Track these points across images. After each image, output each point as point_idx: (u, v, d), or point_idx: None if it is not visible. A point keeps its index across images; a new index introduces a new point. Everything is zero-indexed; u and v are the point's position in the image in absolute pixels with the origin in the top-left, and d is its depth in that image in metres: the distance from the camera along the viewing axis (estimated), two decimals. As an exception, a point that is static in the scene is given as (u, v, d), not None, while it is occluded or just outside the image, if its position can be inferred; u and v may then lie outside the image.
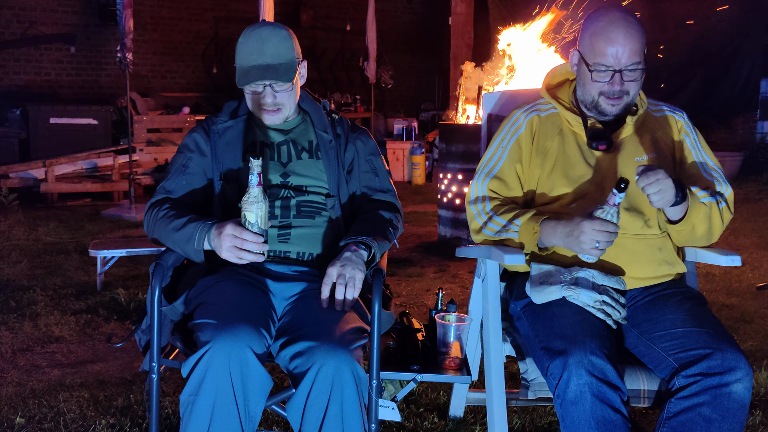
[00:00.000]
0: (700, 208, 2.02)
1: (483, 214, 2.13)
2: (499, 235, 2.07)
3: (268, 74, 2.07)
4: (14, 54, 9.70)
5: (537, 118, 2.17)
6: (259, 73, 2.07)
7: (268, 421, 2.60)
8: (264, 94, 2.11)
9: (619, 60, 1.98)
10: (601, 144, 2.08)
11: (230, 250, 1.89)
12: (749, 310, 4.05)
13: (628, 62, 1.99)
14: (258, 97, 2.12)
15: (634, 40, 1.98)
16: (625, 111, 2.09)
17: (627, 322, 1.99)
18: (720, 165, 2.18)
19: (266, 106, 2.13)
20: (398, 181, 9.39)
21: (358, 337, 1.85)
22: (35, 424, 2.60)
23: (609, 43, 1.98)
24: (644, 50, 2.03)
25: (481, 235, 2.13)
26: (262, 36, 2.09)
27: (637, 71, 2.01)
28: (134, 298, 4.10)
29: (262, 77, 2.07)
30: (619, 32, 1.98)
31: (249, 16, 10.47)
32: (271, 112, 2.14)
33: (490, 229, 2.10)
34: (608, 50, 1.98)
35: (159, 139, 8.91)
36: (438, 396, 2.85)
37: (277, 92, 2.11)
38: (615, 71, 2.00)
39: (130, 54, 6.63)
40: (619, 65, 1.99)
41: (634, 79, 2.02)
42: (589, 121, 2.12)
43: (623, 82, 2.01)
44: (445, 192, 5.72)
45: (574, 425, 1.77)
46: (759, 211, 6.95)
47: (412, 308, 4.06)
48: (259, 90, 2.11)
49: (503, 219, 2.07)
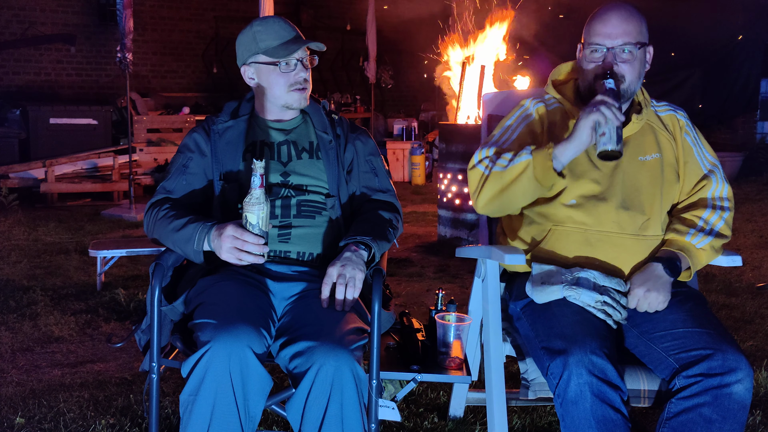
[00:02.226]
0: (702, 255, 2.05)
1: (486, 161, 2.06)
2: (511, 164, 1.99)
3: (306, 42, 2.13)
4: (14, 54, 9.71)
5: (543, 108, 2.18)
6: (299, 42, 2.12)
7: (268, 421, 2.60)
8: (297, 70, 2.14)
9: (610, 38, 2.02)
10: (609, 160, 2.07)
11: (230, 251, 1.89)
12: (749, 310, 4.05)
13: (620, 41, 2.02)
14: (289, 77, 2.14)
15: (627, 22, 2.03)
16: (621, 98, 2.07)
17: (627, 322, 1.99)
18: (718, 161, 2.19)
19: (298, 84, 2.14)
20: (398, 181, 9.39)
21: (358, 337, 1.85)
22: (35, 424, 2.60)
23: (602, 23, 2.04)
24: (641, 38, 2.05)
25: (495, 170, 2.02)
26: (279, 20, 2.16)
27: (630, 53, 2.02)
28: (134, 298, 4.10)
29: (303, 42, 2.13)
30: (613, 14, 2.04)
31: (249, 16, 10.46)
32: (301, 90, 2.16)
33: (499, 165, 2.02)
34: (602, 29, 2.04)
35: (159, 139, 8.91)
36: (438, 396, 2.85)
37: (307, 68, 2.15)
38: (607, 49, 2.03)
39: (130, 54, 6.63)
40: (611, 43, 2.02)
41: (627, 61, 2.03)
42: None
43: (616, 63, 2.02)
44: (445, 192, 5.72)
45: (574, 425, 1.77)
46: (759, 211, 6.95)
47: (412, 308, 4.06)
48: (292, 66, 2.13)
49: (509, 154, 2.02)
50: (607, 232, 2.03)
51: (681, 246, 2.03)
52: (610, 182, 2.06)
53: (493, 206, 2.08)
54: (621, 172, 2.07)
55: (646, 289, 1.96)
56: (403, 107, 12.83)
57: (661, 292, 1.96)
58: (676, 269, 2.00)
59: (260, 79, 2.17)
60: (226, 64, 11.05)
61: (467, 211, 5.52)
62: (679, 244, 2.04)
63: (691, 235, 2.04)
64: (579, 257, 2.04)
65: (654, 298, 1.96)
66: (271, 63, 2.13)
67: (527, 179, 1.97)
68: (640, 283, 1.98)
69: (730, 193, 2.15)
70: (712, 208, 2.10)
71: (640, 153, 2.10)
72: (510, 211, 2.15)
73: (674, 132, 2.17)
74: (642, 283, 1.98)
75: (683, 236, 2.04)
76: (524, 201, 2.05)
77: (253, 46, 2.15)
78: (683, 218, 2.09)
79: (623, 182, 2.06)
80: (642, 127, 2.14)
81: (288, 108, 2.19)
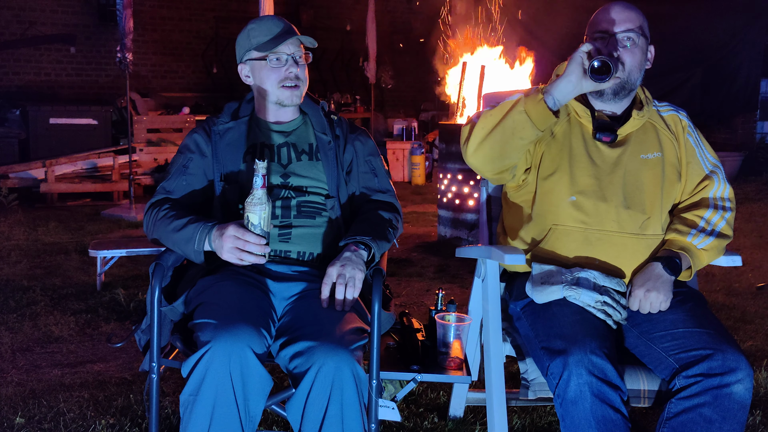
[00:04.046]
0: (703, 255, 2.05)
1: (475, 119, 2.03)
2: (502, 103, 1.97)
3: (297, 35, 2.14)
4: (14, 54, 9.70)
5: None
6: (287, 35, 2.13)
7: (268, 421, 2.60)
8: (288, 65, 2.13)
9: (613, 25, 2.05)
10: (605, 136, 2.08)
11: (232, 251, 1.89)
12: (749, 310, 4.05)
13: (622, 27, 2.04)
14: (280, 72, 2.13)
15: (630, 10, 2.07)
16: (621, 88, 2.07)
17: (627, 322, 1.99)
18: (719, 162, 2.19)
19: (289, 81, 2.13)
20: (398, 181, 9.39)
21: (358, 337, 1.85)
22: (35, 424, 2.60)
23: (605, 14, 2.08)
24: (644, 29, 2.07)
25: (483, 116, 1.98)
26: (274, 18, 2.17)
27: (632, 41, 2.04)
28: (134, 298, 4.10)
29: (294, 34, 2.13)
30: (615, 5, 2.08)
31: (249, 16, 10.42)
32: (292, 88, 2.15)
33: (489, 108, 2.00)
34: (605, 17, 2.07)
35: (159, 140, 8.91)
36: (438, 396, 2.85)
37: (299, 64, 2.15)
38: (609, 35, 2.04)
39: (130, 54, 6.63)
40: (613, 30, 2.04)
41: (629, 48, 2.04)
42: (597, 113, 2.12)
43: (617, 48, 2.03)
44: (445, 192, 5.72)
45: (574, 425, 1.77)
46: (759, 211, 6.95)
47: (412, 308, 4.06)
48: (283, 61, 2.13)
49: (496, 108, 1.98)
50: (608, 231, 2.03)
51: (682, 246, 2.03)
52: (611, 180, 2.06)
53: (484, 151, 1.98)
54: (622, 169, 2.07)
55: (646, 289, 1.96)
56: (403, 107, 12.82)
57: (662, 292, 1.96)
58: (676, 268, 1.99)
59: (254, 77, 2.18)
60: (226, 64, 11.04)
61: (467, 211, 5.52)
62: (680, 244, 2.03)
63: (693, 235, 2.04)
64: (579, 257, 2.04)
65: (654, 297, 1.95)
66: (261, 58, 2.14)
67: (518, 114, 1.91)
68: (640, 284, 1.98)
69: (732, 194, 2.15)
70: (714, 208, 2.10)
71: (642, 151, 2.10)
72: (503, 161, 2.01)
73: (677, 132, 2.17)
74: (642, 284, 1.98)
75: (684, 236, 2.04)
76: (517, 145, 1.95)
77: (246, 43, 2.17)
78: (684, 218, 2.09)
79: (624, 180, 2.06)
80: (644, 125, 2.14)
81: (281, 105, 2.18)
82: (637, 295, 1.97)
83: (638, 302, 1.97)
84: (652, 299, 1.96)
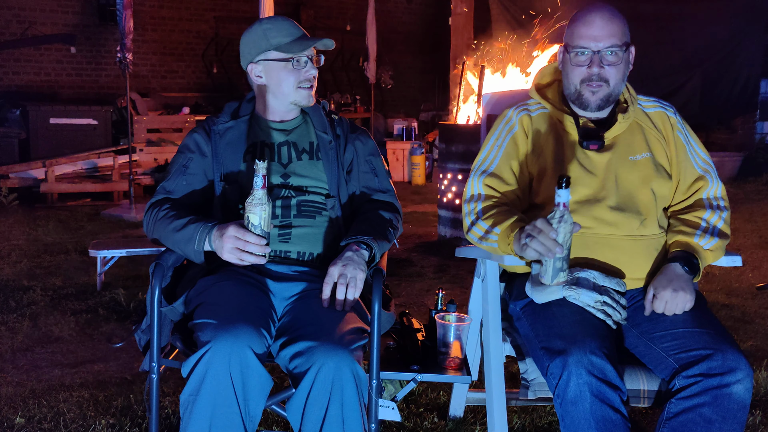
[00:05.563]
0: (708, 256, 2.04)
1: (473, 214, 2.10)
2: (482, 242, 2.05)
3: (321, 39, 2.16)
4: (14, 54, 9.70)
5: (527, 117, 2.18)
6: (311, 39, 2.16)
7: (268, 421, 2.60)
8: (308, 67, 2.16)
9: (596, 41, 2.02)
10: (592, 144, 2.08)
11: (232, 251, 1.89)
12: (749, 310, 4.05)
13: (606, 44, 2.02)
14: (299, 74, 2.15)
15: (612, 23, 2.03)
16: (606, 102, 2.08)
17: (627, 322, 1.99)
18: (711, 159, 2.19)
19: (307, 82, 2.16)
20: (398, 181, 9.39)
21: (358, 337, 1.85)
22: (35, 424, 2.60)
23: (587, 26, 2.04)
24: (625, 39, 2.05)
25: (469, 236, 2.11)
26: (287, 19, 2.19)
27: (616, 56, 2.03)
28: (134, 298, 4.10)
29: (317, 39, 2.15)
30: (596, 16, 2.04)
31: (249, 16, 10.49)
32: (309, 89, 2.18)
33: (474, 234, 2.08)
34: (586, 32, 2.04)
35: (159, 139, 8.91)
36: (438, 396, 2.85)
37: (316, 66, 2.18)
38: (593, 53, 2.03)
39: (130, 54, 6.64)
40: (597, 47, 2.03)
41: (613, 64, 2.04)
42: (581, 120, 2.12)
43: (602, 66, 2.03)
44: (445, 192, 5.72)
45: (574, 425, 1.77)
46: (759, 211, 6.95)
47: (412, 308, 4.06)
48: (302, 63, 2.15)
49: (486, 224, 2.03)
50: (605, 234, 2.03)
51: (691, 247, 2.02)
52: (604, 185, 2.06)
53: None
54: (613, 174, 2.07)
55: (672, 289, 1.92)
56: (403, 107, 12.83)
57: (688, 291, 1.93)
58: (694, 267, 1.98)
59: (268, 77, 2.17)
60: (226, 64, 11.06)
61: (467, 211, 5.51)
62: (689, 245, 2.03)
63: (698, 236, 2.04)
64: (578, 258, 2.04)
65: (682, 297, 1.92)
66: (283, 59, 2.14)
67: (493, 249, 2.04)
68: (664, 285, 1.94)
69: (724, 192, 2.15)
70: (711, 209, 2.10)
71: (630, 153, 2.10)
72: None
73: (665, 130, 2.16)
74: (667, 285, 1.93)
75: (691, 237, 2.03)
76: None
77: (263, 43, 2.14)
78: (686, 220, 2.09)
79: (617, 184, 2.06)
80: (630, 126, 2.14)
81: (296, 105, 2.20)
82: (664, 296, 1.92)
83: (664, 304, 1.93)
84: (679, 299, 1.92)
